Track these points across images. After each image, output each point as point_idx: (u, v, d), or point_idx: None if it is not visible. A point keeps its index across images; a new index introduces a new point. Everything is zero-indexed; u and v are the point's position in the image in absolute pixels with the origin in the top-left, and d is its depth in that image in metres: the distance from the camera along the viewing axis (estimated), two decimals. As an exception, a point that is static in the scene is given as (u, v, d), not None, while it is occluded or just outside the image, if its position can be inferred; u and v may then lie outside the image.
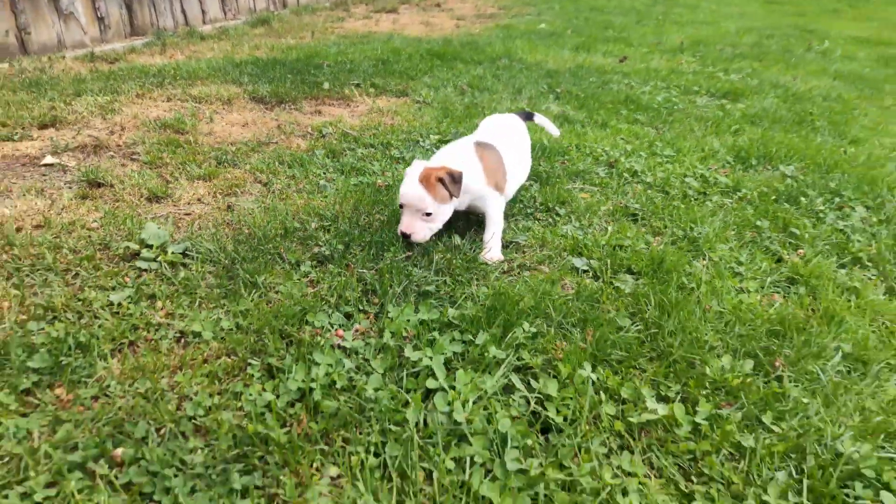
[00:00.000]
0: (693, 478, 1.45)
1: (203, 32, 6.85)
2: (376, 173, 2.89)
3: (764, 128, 4.12)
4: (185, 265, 2.01)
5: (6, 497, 1.19)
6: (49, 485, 1.24)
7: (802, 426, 1.58)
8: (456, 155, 2.33)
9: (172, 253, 2.02)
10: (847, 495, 1.42)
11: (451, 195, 2.16)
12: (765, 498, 1.39)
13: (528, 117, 2.95)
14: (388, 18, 8.92)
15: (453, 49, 6.06)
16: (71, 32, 5.51)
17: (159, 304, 1.81)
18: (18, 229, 2.15)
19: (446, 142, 3.35)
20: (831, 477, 1.44)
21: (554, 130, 3.09)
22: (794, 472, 1.46)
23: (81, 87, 4.11)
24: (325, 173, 2.88)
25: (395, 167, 3.00)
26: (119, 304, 1.78)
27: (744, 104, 4.72)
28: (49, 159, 2.99)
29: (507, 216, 2.56)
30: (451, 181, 2.14)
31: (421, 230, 2.19)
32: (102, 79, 4.41)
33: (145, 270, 1.95)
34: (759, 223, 2.70)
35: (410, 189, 2.15)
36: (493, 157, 2.39)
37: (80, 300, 1.78)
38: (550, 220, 2.61)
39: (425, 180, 2.14)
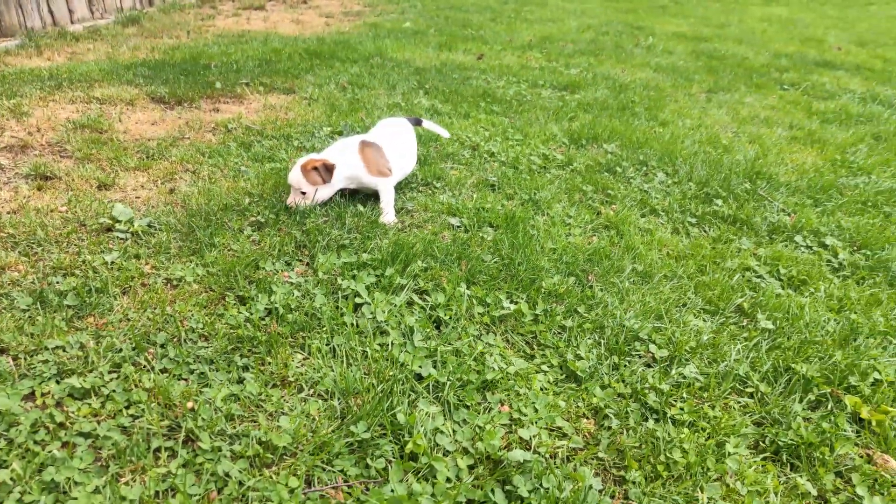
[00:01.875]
0: (534, 346, 2.24)
1: (74, 32, 6.99)
2: (285, 160, 3.51)
3: (594, 114, 5.07)
4: (152, 234, 2.58)
5: (86, 378, 1.77)
6: (111, 371, 1.83)
7: (604, 313, 2.42)
8: (340, 151, 3.03)
9: (139, 226, 2.57)
10: (629, 348, 2.26)
11: (324, 180, 2.91)
12: (578, 352, 2.20)
13: (417, 122, 3.65)
14: (258, 16, 9.29)
15: (329, 48, 6.65)
16: (-57, 34, 5.59)
17: (143, 260, 2.38)
18: (-1, 215, 2.61)
19: (339, 133, 4.02)
20: (620, 339, 2.27)
21: (444, 132, 3.78)
22: (597, 338, 2.29)
23: (-20, 91, 4.37)
24: (241, 161, 3.46)
25: (300, 154, 3.63)
26: (113, 262, 2.34)
27: (580, 95, 5.69)
28: (-20, 159, 3.36)
29: (397, 190, 3.26)
30: (324, 170, 2.90)
31: (300, 203, 2.94)
32: (-3, 82, 4.66)
33: (123, 239, 2.50)
34: (584, 188, 3.57)
35: (293, 175, 2.90)
36: (375, 152, 3.07)
37: (81, 261, 2.31)
38: (430, 191, 3.36)
39: (304, 169, 2.87)
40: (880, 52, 8.89)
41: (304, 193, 2.92)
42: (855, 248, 3.19)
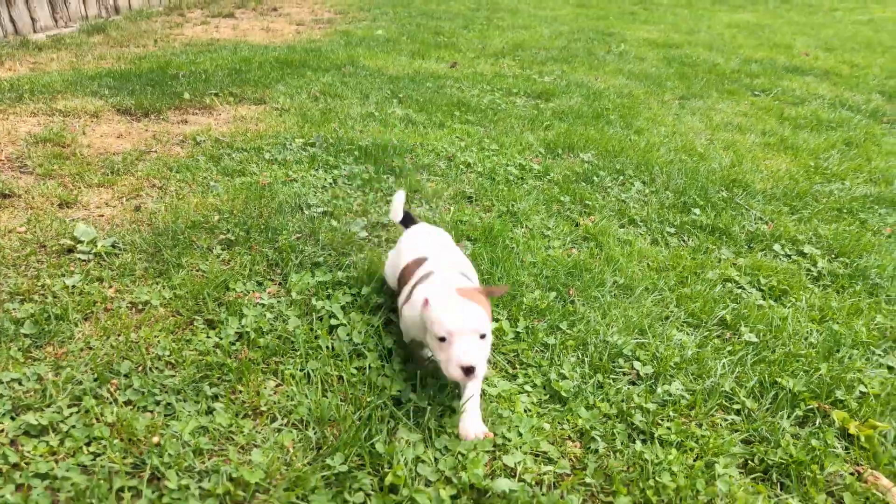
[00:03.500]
0: (517, 365, 2.18)
1: (37, 42, 6.81)
2: (256, 173, 3.41)
3: (569, 123, 5.04)
4: (117, 255, 2.47)
5: (43, 414, 1.66)
6: (71, 405, 1.72)
7: (586, 329, 2.36)
8: (458, 258, 2.25)
9: (103, 246, 2.46)
10: (613, 365, 2.20)
11: None
12: (562, 371, 2.14)
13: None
14: (228, 24, 9.14)
15: (300, 57, 6.55)
16: None
17: (107, 283, 2.27)
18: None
19: (311, 144, 3.92)
20: (603, 356, 2.22)
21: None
22: (580, 356, 2.23)
23: (-64, 104, 4.20)
24: (210, 176, 3.35)
25: (272, 168, 3.54)
26: (74, 286, 2.23)
27: (554, 103, 5.65)
28: (-65, 176, 3.21)
29: (371, 203, 3.18)
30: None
31: (483, 359, 1.75)
32: (-46, 95, 4.49)
33: (85, 261, 2.39)
34: (562, 199, 3.53)
35: (467, 309, 1.74)
36: None
37: (41, 285, 2.20)
38: (407, 204, 3.28)
39: (472, 297, 1.80)
40: (847, 58, 9.01)
41: (483, 337, 1.76)
42: (833, 256, 3.18)
